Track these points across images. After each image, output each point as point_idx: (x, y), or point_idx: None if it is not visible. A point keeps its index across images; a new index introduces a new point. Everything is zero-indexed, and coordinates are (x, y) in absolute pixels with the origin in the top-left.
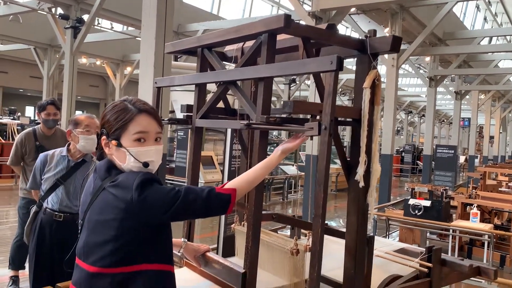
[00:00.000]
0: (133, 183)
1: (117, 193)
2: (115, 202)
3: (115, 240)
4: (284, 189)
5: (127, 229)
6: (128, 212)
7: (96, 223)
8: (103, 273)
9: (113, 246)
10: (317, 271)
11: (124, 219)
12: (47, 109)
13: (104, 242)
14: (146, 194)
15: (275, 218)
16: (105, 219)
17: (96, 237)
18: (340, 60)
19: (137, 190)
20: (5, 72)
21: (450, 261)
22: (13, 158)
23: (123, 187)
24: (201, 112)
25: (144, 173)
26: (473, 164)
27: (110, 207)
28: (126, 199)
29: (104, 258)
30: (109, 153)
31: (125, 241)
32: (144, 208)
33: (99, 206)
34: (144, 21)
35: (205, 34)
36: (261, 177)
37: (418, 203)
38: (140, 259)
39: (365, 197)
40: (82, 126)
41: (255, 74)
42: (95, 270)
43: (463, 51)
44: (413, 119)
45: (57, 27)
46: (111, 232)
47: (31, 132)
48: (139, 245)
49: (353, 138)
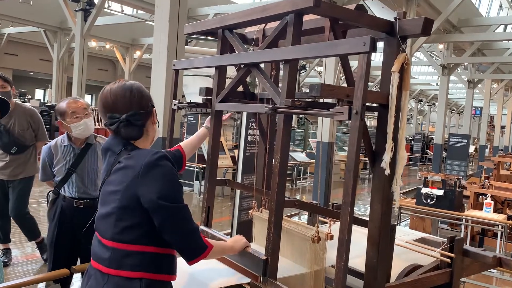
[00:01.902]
0: (146, 158)
1: (129, 164)
2: (125, 174)
3: (116, 212)
4: (293, 176)
5: (126, 201)
6: (131, 184)
7: (106, 195)
8: (107, 245)
9: (114, 218)
10: (345, 260)
11: (125, 191)
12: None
13: (107, 214)
14: (153, 172)
15: (297, 204)
16: (112, 190)
17: (104, 208)
18: (374, 41)
19: (146, 166)
20: (15, 55)
21: (472, 252)
22: None
23: (137, 159)
24: (221, 96)
25: (159, 151)
26: (483, 154)
27: (120, 179)
28: (134, 172)
29: (106, 231)
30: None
31: (123, 215)
32: (143, 184)
33: (112, 179)
34: (158, 2)
35: (228, 14)
36: (225, 254)
37: (430, 192)
38: (139, 240)
39: (390, 185)
40: (68, 115)
41: (281, 56)
42: (104, 242)
43: (478, 39)
44: (423, 108)
45: (67, 9)
46: (113, 204)
47: None
48: (139, 225)
49: (379, 124)
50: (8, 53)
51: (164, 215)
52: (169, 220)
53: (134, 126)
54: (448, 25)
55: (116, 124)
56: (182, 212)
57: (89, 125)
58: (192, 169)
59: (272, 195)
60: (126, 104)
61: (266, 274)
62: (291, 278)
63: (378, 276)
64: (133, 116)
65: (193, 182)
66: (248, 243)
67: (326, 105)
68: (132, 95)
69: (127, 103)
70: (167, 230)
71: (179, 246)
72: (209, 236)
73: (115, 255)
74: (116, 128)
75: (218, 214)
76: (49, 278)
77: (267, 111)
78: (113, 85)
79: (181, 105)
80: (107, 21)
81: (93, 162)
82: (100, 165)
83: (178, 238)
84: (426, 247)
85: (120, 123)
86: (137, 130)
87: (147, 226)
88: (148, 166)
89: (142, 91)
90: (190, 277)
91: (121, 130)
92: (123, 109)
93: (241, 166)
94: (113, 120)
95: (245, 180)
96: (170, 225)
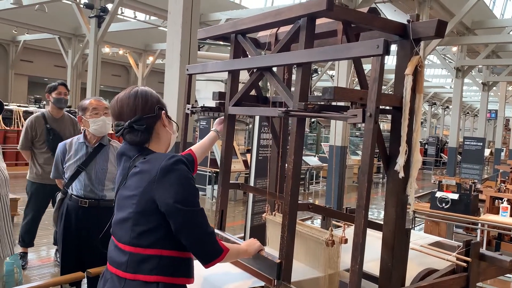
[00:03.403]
0: (162, 162)
1: (145, 169)
2: (141, 178)
3: (133, 217)
4: (305, 180)
5: (143, 206)
6: (147, 189)
7: (122, 199)
8: (124, 250)
9: (131, 223)
10: (360, 263)
11: (142, 195)
12: (58, 88)
13: (124, 219)
14: (169, 176)
15: (311, 208)
16: (128, 195)
17: (121, 213)
18: (387, 43)
19: (163, 170)
20: (31, 62)
21: (489, 256)
22: (23, 142)
23: (153, 164)
24: (234, 100)
25: (175, 155)
26: (499, 157)
27: (136, 183)
28: (150, 176)
29: (123, 235)
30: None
31: (140, 220)
32: (159, 188)
33: (128, 184)
34: (171, 8)
35: (241, 19)
36: (240, 257)
37: (445, 196)
38: (156, 244)
39: (405, 189)
40: (89, 110)
41: (294, 60)
42: (121, 246)
43: (492, 41)
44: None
45: (81, 16)
46: (130, 209)
47: (40, 115)
48: (156, 229)
49: (393, 127)
50: (23, 59)
51: (180, 219)
52: (186, 224)
53: (137, 131)
54: (461, 27)
55: (120, 131)
56: (199, 215)
57: (107, 124)
58: (205, 174)
59: (286, 198)
60: (131, 111)
61: (280, 278)
62: (305, 281)
63: (392, 280)
64: (137, 121)
65: (205, 186)
66: (262, 246)
67: (339, 108)
68: (136, 101)
69: (132, 110)
70: (184, 233)
71: (195, 249)
72: (223, 240)
73: (132, 259)
74: (121, 135)
75: (230, 219)
76: (64, 281)
77: (280, 114)
78: (122, 94)
79: (194, 109)
80: (121, 27)
81: (103, 162)
82: (110, 166)
83: (194, 241)
84: (441, 251)
85: (124, 130)
86: (140, 135)
87: (164, 230)
88: (164, 170)
89: (147, 95)
90: (204, 281)
91: (126, 136)
92: (128, 116)
93: (254, 170)
94: (118, 127)
95: (258, 184)
96: (186, 229)
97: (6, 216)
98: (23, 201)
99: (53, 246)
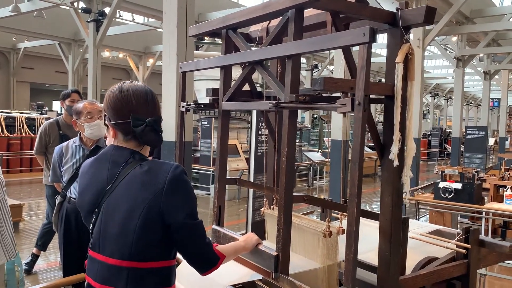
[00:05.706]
0: (169, 173)
1: (147, 180)
2: (144, 189)
3: (137, 230)
4: (309, 175)
5: (149, 219)
6: (154, 201)
7: (114, 211)
8: (121, 266)
9: (135, 237)
10: (354, 251)
11: (148, 208)
12: (71, 96)
13: (122, 233)
14: (178, 189)
15: (306, 200)
16: (128, 207)
17: (115, 227)
18: (373, 31)
19: (171, 183)
20: (32, 68)
21: (488, 242)
22: (38, 147)
23: (156, 174)
24: (228, 95)
25: (178, 165)
26: (503, 146)
27: (136, 194)
28: (157, 188)
29: (120, 250)
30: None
31: (144, 233)
32: (168, 201)
33: (121, 193)
34: (166, 8)
35: (230, 14)
36: (238, 254)
37: (448, 186)
38: (158, 256)
39: (400, 177)
40: (83, 114)
41: (283, 52)
42: (115, 262)
43: (492, 29)
44: (440, 102)
45: (80, 21)
46: (131, 222)
47: (54, 122)
48: (159, 242)
49: (386, 116)
50: (25, 67)
51: (187, 233)
52: (191, 237)
53: (156, 132)
54: (460, 16)
55: (141, 127)
56: (200, 228)
57: (102, 127)
58: (208, 173)
59: (281, 191)
60: (148, 110)
61: (277, 270)
62: (304, 273)
63: (391, 269)
64: (157, 121)
65: (209, 185)
66: (260, 240)
67: (331, 99)
68: (152, 101)
69: (149, 108)
70: (186, 246)
71: (194, 260)
72: (221, 235)
73: (134, 275)
74: (141, 132)
75: (235, 217)
76: (66, 283)
77: (271, 107)
78: (130, 86)
79: (189, 106)
80: (119, 31)
81: None
82: None
83: (195, 252)
84: (441, 239)
85: (146, 126)
86: (159, 137)
87: (166, 241)
88: (172, 182)
89: (156, 97)
90: (203, 276)
91: (146, 135)
92: (145, 113)
93: (253, 166)
94: (138, 122)
95: (258, 180)
96: (191, 241)
97: (6, 219)
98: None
99: None
